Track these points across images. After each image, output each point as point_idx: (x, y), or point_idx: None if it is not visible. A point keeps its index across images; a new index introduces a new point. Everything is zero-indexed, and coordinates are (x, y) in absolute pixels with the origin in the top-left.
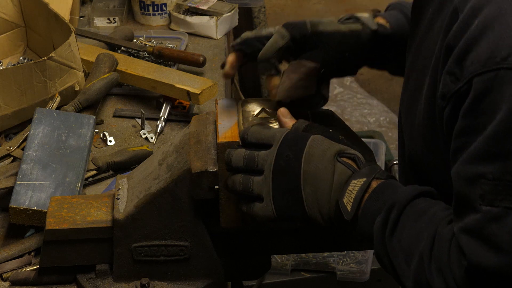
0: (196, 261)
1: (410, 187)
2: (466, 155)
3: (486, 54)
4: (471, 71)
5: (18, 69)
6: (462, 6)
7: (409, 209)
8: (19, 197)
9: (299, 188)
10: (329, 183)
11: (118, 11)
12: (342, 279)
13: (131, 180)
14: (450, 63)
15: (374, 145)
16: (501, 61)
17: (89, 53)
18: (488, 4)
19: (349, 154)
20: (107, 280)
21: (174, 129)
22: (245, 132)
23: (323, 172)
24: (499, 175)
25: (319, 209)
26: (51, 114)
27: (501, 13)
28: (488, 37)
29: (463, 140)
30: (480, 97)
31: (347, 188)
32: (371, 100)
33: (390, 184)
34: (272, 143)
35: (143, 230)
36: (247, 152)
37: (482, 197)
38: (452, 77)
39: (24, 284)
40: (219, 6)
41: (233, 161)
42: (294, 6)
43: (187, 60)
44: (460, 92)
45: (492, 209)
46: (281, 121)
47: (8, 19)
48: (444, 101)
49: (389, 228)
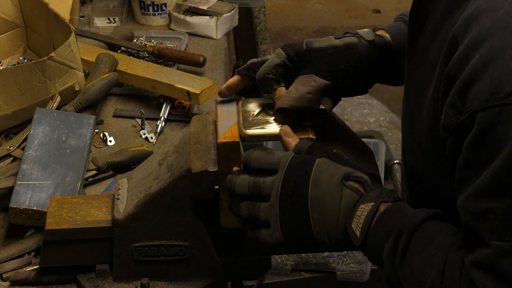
0: (196, 261)
1: (418, 211)
2: (473, 189)
3: (489, 89)
4: (474, 106)
5: (18, 69)
6: (462, 35)
7: (418, 235)
8: (19, 197)
9: (307, 214)
10: (336, 209)
11: (118, 11)
12: (342, 279)
13: (131, 180)
14: (452, 95)
15: (374, 145)
16: (505, 97)
17: (89, 53)
18: (489, 37)
19: (355, 177)
20: (107, 280)
21: (174, 129)
22: (248, 157)
23: (330, 197)
24: (508, 210)
25: (327, 234)
26: (51, 114)
27: (504, 48)
28: (491, 72)
29: (468, 173)
30: (484, 132)
31: (355, 213)
32: (371, 100)
33: (398, 208)
34: (277, 169)
35: (143, 230)
36: (252, 178)
37: (492, 232)
38: (454, 110)
39: (24, 284)
40: (219, 6)
41: (237, 188)
42: (294, 6)
43: (187, 60)
44: (463, 125)
45: (503, 244)
46: (283, 141)
47: (8, 19)
48: (447, 133)
49: (398, 255)
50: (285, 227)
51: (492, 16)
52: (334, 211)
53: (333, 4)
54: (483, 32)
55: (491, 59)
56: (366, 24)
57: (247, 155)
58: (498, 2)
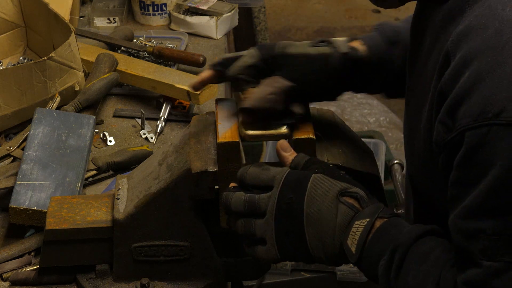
0: (196, 261)
1: (414, 227)
2: (463, 209)
3: (478, 109)
4: (463, 124)
5: (18, 69)
6: (454, 51)
7: (414, 251)
8: (19, 197)
9: (303, 230)
10: (332, 225)
11: (118, 11)
12: (342, 279)
13: (131, 180)
14: (442, 112)
15: (374, 145)
16: (493, 117)
17: (89, 53)
18: (479, 55)
19: (351, 193)
20: (107, 280)
21: (174, 129)
22: (243, 173)
23: (326, 214)
24: (499, 230)
25: (323, 250)
26: (51, 114)
27: (493, 68)
28: (479, 91)
29: (458, 190)
30: (473, 151)
31: (350, 230)
32: (371, 100)
33: (394, 223)
34: (273, 185)
35: (143, 230)
36: (247, 195)
37: (483, 252)
38: (444, 127)
39: (24, 284)
40: (219, 6)
41: (233, 205)
42: (294, 6)
43: (187, 60)
44: (453, 142)
45: (494, 264)
46: (280, 155)
47: (8, 19)
48: (439, 149)
49: (393, 271)
50: (281, 244)
51: (482, 34)
52: (329, 227)
53: (333, 4)
54: (473, 51)
55: (480, 79)
56: (366, 24)
57: (242, 172)
58: (488, 20)
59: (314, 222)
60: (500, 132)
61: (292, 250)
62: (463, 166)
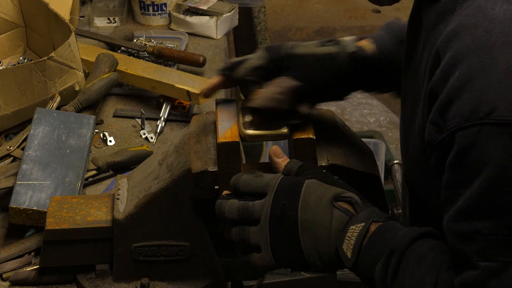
0: (196, 261)
1: (409, 230)
2: (457, 211)
3: (468, 109)
4: (454, 124)
5: (18, 69)
6: (444, 51)
7: (410, 253)
8: (19, 197)
9: (297, 236)
10: (327, 231)
11: (118, 11)
12: (342, 279)
13: (131, 180)
14: (433, 112)
15: (374, 145)
16: (485, 117)
17: (89, 53)
18: (469, 55)
19: (345, 198)
20: (107, 280)
21: (174, 129)
22: (236, 181)
23: (320, 219)
24: (494, 230)
25: (319, 256)
26: (51, 114)
27: (483, 67)
28: (470, 91)
29: (451, 192)
30: (464, 152)
31: (345, 235)
32: (371, 100)
33: (389, 227)
34: (266, 192)
35: (143, 230)
36: (241, 203)
37: (479, 253)
38: (435, 127)
39: (24, 284)
40: (219, 6)
41: (226, 213)
42: (294, 6)
43: (187, 60)
44: (444, 143)
45: (490, 264)
46: (273, 161)
47: (8, 19)
48: (431, 149)
49: (390, 275)
50: (275, 251)
51: (472, 33)
52: (324, 233)
53: (333, 4)
54: (462, 50)
55: (470, 78)
56: (366, 24)
57: (235, 179)
58: (478, 19)
59: (309, 228)
60: (492, 131)
61: (287, 256)
62: (455, 166)
